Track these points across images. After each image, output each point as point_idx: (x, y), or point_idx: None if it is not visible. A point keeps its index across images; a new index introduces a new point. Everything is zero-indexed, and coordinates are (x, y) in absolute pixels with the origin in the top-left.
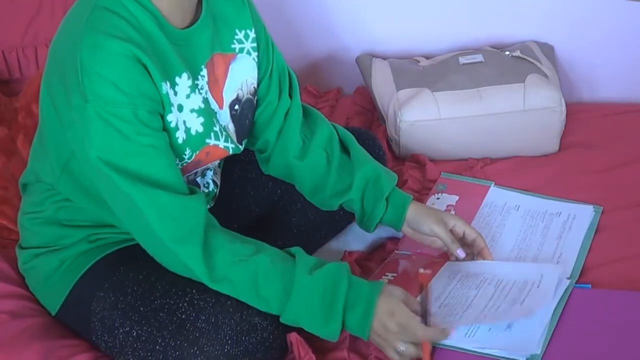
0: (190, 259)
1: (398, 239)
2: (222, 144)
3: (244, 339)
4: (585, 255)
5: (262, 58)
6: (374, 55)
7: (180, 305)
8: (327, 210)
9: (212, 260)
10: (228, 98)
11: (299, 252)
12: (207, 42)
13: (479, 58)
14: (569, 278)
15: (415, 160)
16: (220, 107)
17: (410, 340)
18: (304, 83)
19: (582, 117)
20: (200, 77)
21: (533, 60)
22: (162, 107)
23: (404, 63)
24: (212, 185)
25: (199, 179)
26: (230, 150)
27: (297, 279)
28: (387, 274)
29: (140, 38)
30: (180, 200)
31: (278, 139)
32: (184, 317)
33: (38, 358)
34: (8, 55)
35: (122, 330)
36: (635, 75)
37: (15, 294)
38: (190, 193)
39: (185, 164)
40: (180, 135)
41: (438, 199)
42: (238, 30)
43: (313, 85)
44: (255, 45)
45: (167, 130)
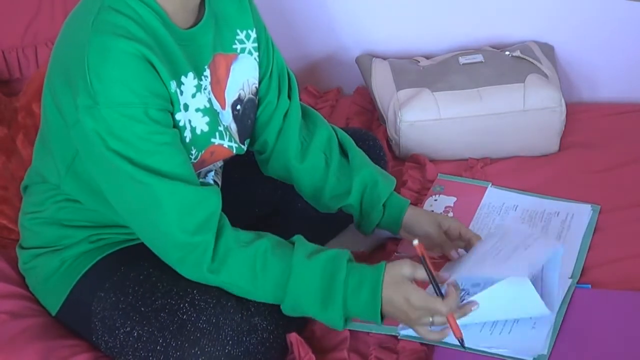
0: (202, 248)
1: (398, 240)
2: (226, 144)
3: (245, 340)
4: (585, 255)
5: (262, 58)
6: (374, 55)
7: (182, 306)
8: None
9: (217, 249)
10: (230, 98)
11: (299, 239)
12: (209, 42)
13: (479, 58)
14: (570, 277)
15: (415, 161)
16: (223, 107)
17: (436, 316)
18: (304, 83)
19: (582, 117)
20: (204, 77)
21: (533, 60)
22: (171, 105)
23: (404, 63)
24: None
25: (201, 180)
26: (235, 150)
27: (295, 263)
28: None
29: (147, 37)
30: (198, 191)
31: (277, 140)
32: (185, 317)
33: (38, 358)
34: (8, 55)
35: (122, 331)
36: (635, 75)
37: (15, 294)
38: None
39: (191, 164)
40: (187, 135)
41: (436, 201)
42: (239, 31)
43: (313, 85)
44: (257, 45)
45: (176, 128)
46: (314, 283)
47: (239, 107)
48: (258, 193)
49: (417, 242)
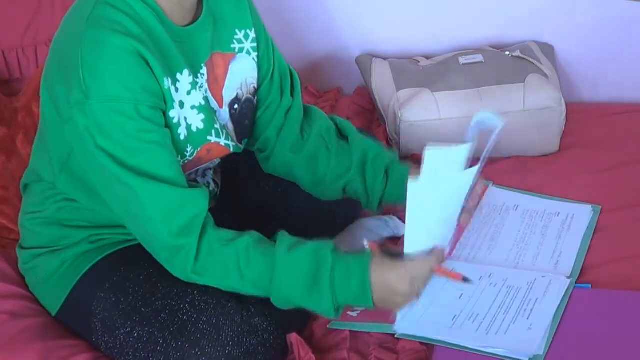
0: (185, 251)
1: (398, 239)
2: (223, 142)
3: (245, 341)
4: (585, 255)
5: (262, 58)
6: (374, 55)
7: (182, 307)
8: (327, 210)
9: (200, 250)
10: (228, 97)
11: (282, 234)
12: (207, 41)
13: (479, 58)
14: (569, 277)
15: (416, 160)
16: (220, 105)
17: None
18: (304, 83)
19: (582, 117)
20: (200, 75)
21: (533, 60)
22: (164, 103)
23: (404, 63)
24: (212, 185)
25: (200, 179)
26: (231, 148)
27: (277, 257)
28: None
29: (142, 33)
30: (184, 193)
31: (278, 137)
32: (185, 318)
33: (38, 358)
34: (8, 55)
35: (123, 331)
36: (635, 75)
37: (15, 294)
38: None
39: (187, 161)
40: (182, 132)
41: None
42: (238, 30)
43: (313, 85)
44: (255, 45)
45: (169, 127)
46: (299, 276)
47: (237, 106)
48: (258, 192)
49: (367, 242)
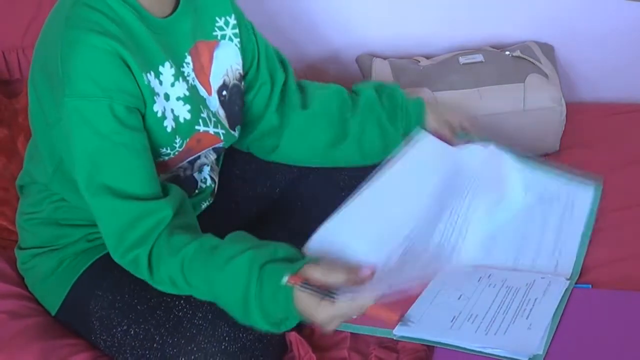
0: (139, 261)
1: None
2: (212, 130)
3: (242, 336)
4: (585, 252)
5: (245, 44)
6: (374, 55)
7: (177, 303)
8: (324, 207)
9: (152, 259)
10: (215, 84)
11: (232, 235)
12: (188, 30)
13: (479, 58)
14: (569, 279)
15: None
16: (209, 93)
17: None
18: None
19: (582, 117)
20: (185, 64)
21: (533, 60)
22: (142, 102)
23: (404, 63)
24: (209, 181)
25: (196, 174)
26: (222, 137)
27: (211, 274)
28: None
29: (120, 32)
30: (143, 206)
31: (282, 110)
32: (181, 314)
33: (38, 357)
34: (8, 56)
35: (120, 329)
36: (635, 75)
37: (15, 294)
38: (164, 194)
39: (177, 153)
40: (169, 124)
41: None
42: (218, 18)
43: None
44: (237, 32)
45: (154, 122)
46: (230, 294)
47: (225, 92)
48: (257, 192)
49: (286, 279)
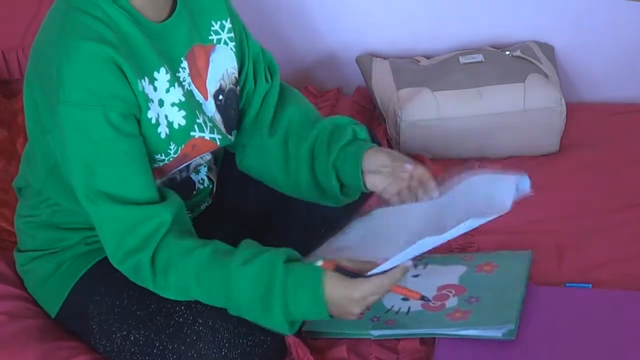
0: (141, 266)
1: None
2: (208, 136)
3: (241, 342)
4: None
5: (238, 48)
6: (374, 55)
7: (177, 309)
8: (326, 207)
9: (155, 265)
10: (212, 89)
11: (245, 242)
12: (184, 34)
13: (479, 58)
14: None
15: (416, 160)
16: (205, 98)
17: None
18: (304, 83)
19: (582, 117)
20: (181, 69)
21: (533, 60)
22: (137, 108)
23: (404, 63)
24: (207, 182)
25: (193, 176)
26: (218, 142)
27: (231, 272)
28: None
29: (115, 38)
30: (142, 210)
31: (254, 122)
32: (181, 320)
33: (37, 359)
34: (8, 56)
35: (119, 335)
36: (636, 76)
37: (15, 295)
38: (161, 199)
39: (172, 159)
40: (163, 130)
41: None
42: (214, 22)
43: (313, 85)
44: (232, 36)
45: (148, 128)
46: (251, 291)
47: (221, 97)
48: (256, 193)
49: (321, 261)
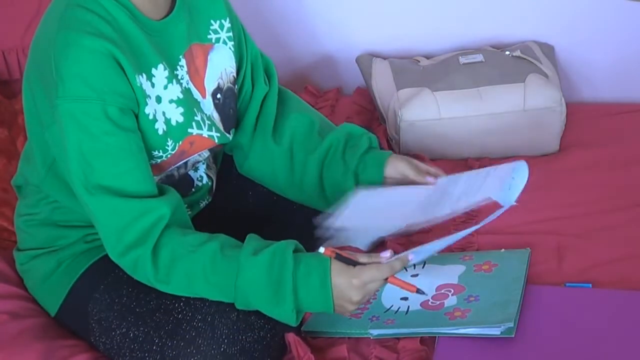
0: (141, 261)
1: (399, 238)
2: (205, 133)
3: (241, 338)
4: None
5: (236, 48)
6: (374, 55)
7: (176, 305)
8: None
9: (157, 260)
10: (210, 87)
11: (251, 236)
12: (183, 32)
13: (479, 58)
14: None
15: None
16: (203, 96)
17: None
18: (304, 83)
19: (582, 117)
20: (179, 67)
21: (533, 60)
22: (136, 103)
23: (404, 63)
24: (205, 179)
25: (192, 173)
26: (216, 140)
27: (242, 262)
28: None
29: (114, 33)
30: (141, 204)
31: (256, 127)
32: (180, 317)
33: (38, 358)
34: (8, 56)
35: (118, 332)
36: (636, 76)
37: (15, 295)
38: (159, 194)
39: (170, 156)
40: (160, 127)
41: None
42: (213, 21)
43: (313, 85)
44: (231, 35)
45: (145, 124)
46: (262, 279)
47: (219, 95)
48: (257, 192)
49: (323, 249)
